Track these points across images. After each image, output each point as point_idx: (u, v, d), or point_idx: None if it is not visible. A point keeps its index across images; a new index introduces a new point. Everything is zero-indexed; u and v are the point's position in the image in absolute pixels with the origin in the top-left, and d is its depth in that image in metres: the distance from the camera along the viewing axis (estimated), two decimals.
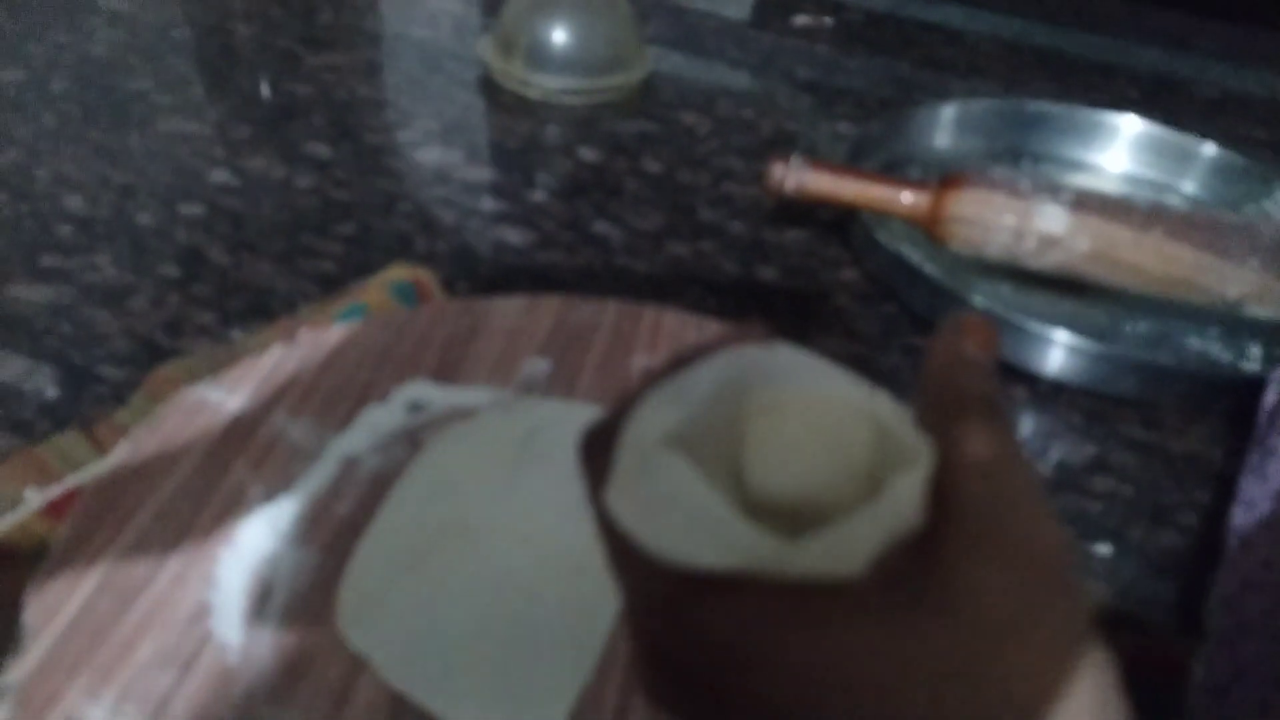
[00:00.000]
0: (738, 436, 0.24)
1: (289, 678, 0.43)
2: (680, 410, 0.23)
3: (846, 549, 0.21)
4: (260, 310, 0.77)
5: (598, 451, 0.25)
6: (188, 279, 0.79)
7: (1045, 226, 0.78)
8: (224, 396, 0.57)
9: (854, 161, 0.92)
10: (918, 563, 0.21)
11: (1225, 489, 0.69)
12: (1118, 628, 0.21)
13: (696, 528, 0.22)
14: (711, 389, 0.24)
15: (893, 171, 0.97)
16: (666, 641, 0.23)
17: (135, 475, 0.52)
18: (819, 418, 0.24)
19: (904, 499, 0.21)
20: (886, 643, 0.20)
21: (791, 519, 0.23)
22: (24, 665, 0.42)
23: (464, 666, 0.44)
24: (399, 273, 0.79)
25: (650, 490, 0.22)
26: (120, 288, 0.77)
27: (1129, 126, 1.04)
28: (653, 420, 0.23)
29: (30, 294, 0.75)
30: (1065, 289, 0.84)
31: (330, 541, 0.50)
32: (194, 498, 0.51)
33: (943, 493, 0.22)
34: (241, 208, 0.88)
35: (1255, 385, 0.72)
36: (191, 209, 0.87)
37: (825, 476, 0.24)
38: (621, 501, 0.23)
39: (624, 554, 0.23)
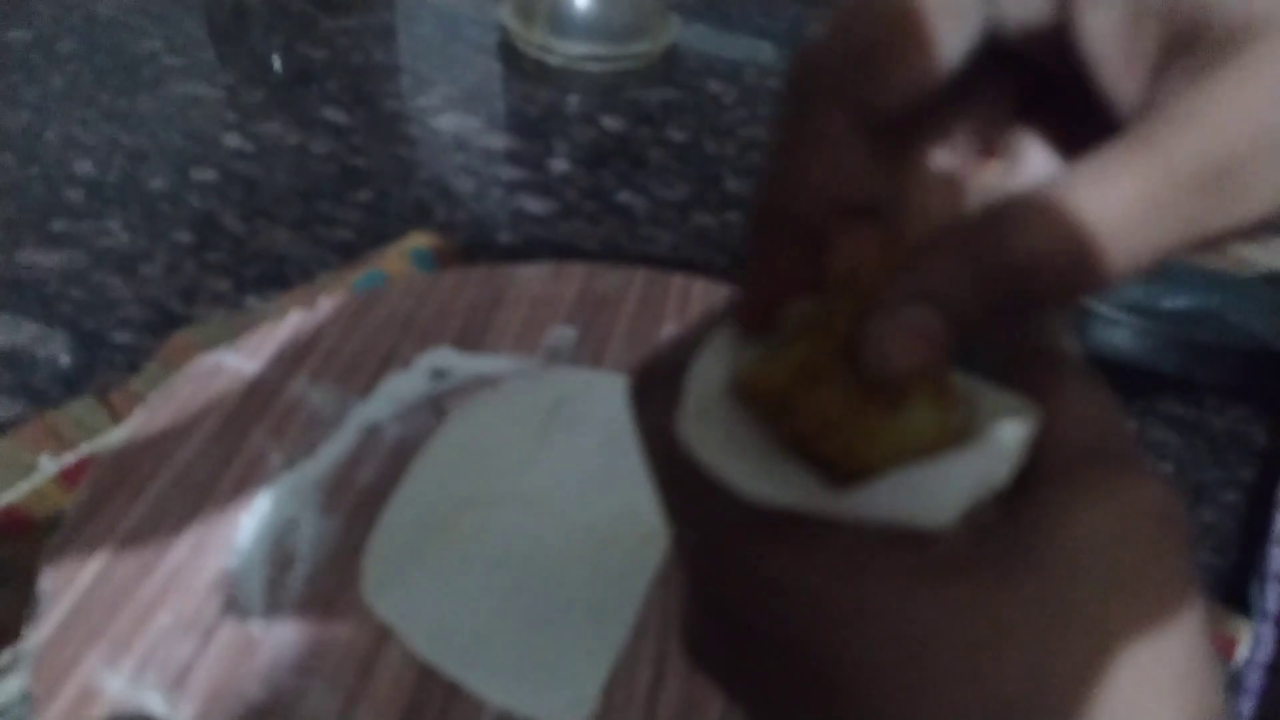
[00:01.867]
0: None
1: (313, 647, 0.42)
2: (748, 357, 0.21)
3: (934, 497, 0.19)
4: (277, 278, 0.75)
5: (654, 384, 0.23)
6: (201, 245, 0.77)
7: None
8: (242, 362, 0.55)
9: None
10: (1014, 517, 0.19)
11: (1268, 466, 0.67)
12: None
13: (772, 476, 0.20)
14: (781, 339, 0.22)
15: None
16: (726, 591, 0.21)
17: (151, 442, 0.50)
18: None
19: (1002, 449, 0.19)
20: (978, 603, 0.18)
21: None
22: (40, 633, 0.41)
23: (493, 639, 0.43)
24: (419, 240, 0.77)
25: (717, 438, 0.21)
26: (133, 253, 0.75)
27: None
28: (719, 365, 0.21)
29: (41, 259, 0.74)
30: None
31: (353, 510, 0.48)
32: (212, 464, 0.49)
33: (1039, 446, 0.20)
34: (255, 174, 0.86)
35: None
36: (204, 174, 0.85)
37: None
38: (690, 431, 0.21)
39: (688, 486, 0.21)
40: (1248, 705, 0.51)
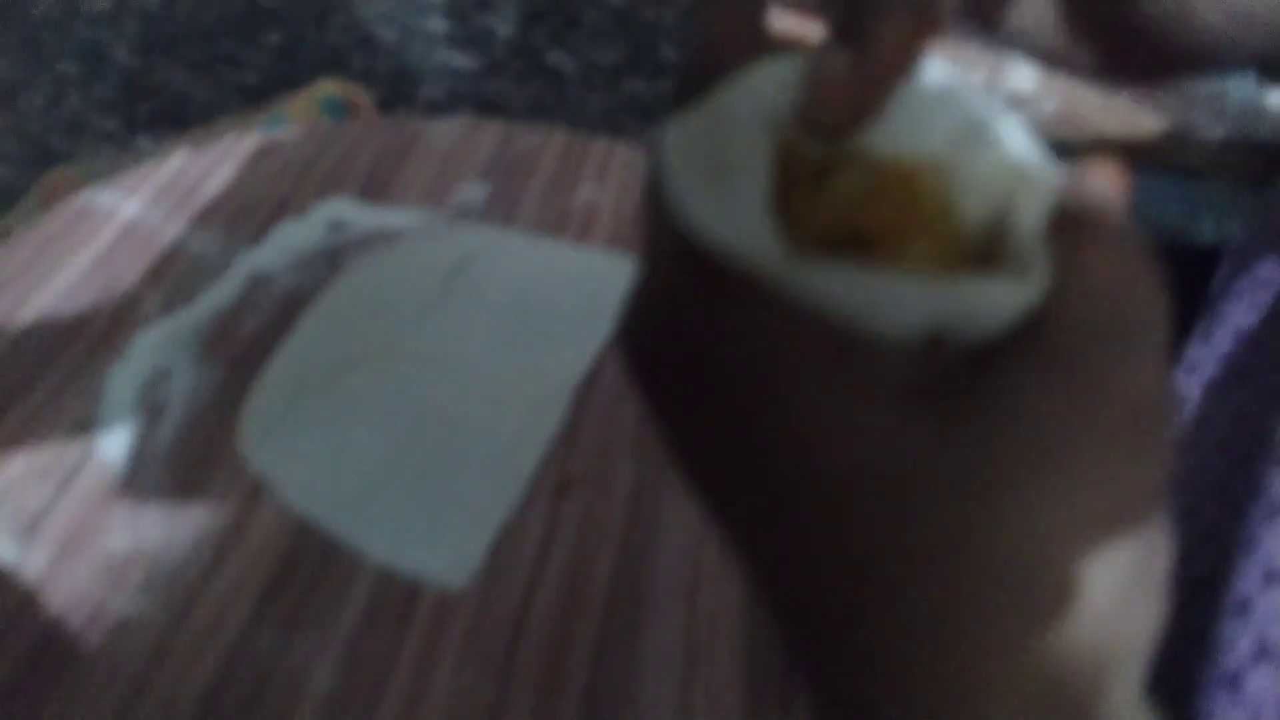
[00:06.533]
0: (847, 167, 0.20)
1: (181, 499, 0.39)
2: (792, 98, 0.19)
3: (899, 305, 0.17)
4: (173, 119, 0.70)
5: (691, 87, 0.20)
6: (89, 78, 0.71)
7: (1015, 84, 0.76)
8: (118, 201, 0.51)
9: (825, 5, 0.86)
10: (978, 370, 0.17)
11: (1173, 357, 0.68)
12: None
13: (742, 224, 0.18)
14: None
15: None
16: (666, 310, 0.19)
17: (14, 278, 0.46)
18: (957, 176, 0.19)
19: (995, 302, 0.17)
20: (897, 439, 0.17)
21: None
22: None
23: (377, 494, 0.41)
24: (330, 88, 0.72)
25: (719, 157, 0.19)
26: (10, 82, 0.69)
27: None
28: (767, 88, 0.19)
29: None
30: None
31: (235, 360, 0.45)
32: (80, 305, 0.46)
33: (1041, 313, 0.18)
34: (153, 5, 0.79)
35: (1208, 257, 0.70)
36: (96, 3, 0.78)
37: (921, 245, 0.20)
38: (682, 143, 0.19)
39: (654, 198, 0.20)
40: None
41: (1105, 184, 0.22)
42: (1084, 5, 0.22)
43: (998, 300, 0.18)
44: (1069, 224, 0.20)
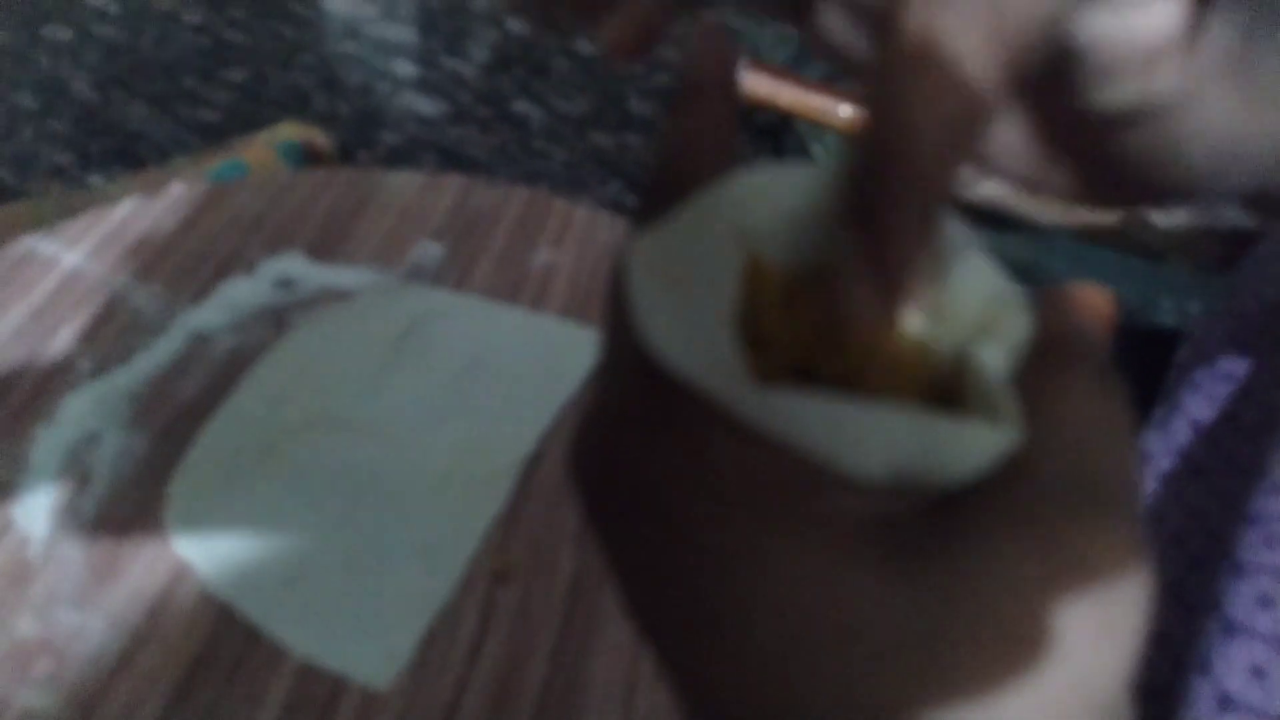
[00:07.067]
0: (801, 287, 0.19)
1: (98, 579, 0.38)
2: (766, 213, 0.18)
3: (866, 441, 0.17)
4: (127, 156, 0.69)
5: (660, 197, 0.20)
6: (45, 111, 0.70)
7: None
8: (59, 251, 0.50)
9: (796, 67, 0.86)
10: (944, 521, 0.16)
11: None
12: None
13: (705, 348, 0.17)
14: (810, 207, 0.18)
15: (835, 82, 0.91)
16: (616, 427, 0.18)
17: None
18: (929, 306, 0.18)
19: (967, 453, 0.17)
20: (860, 587, 0.16)
21: None
22: None
23: (306, 581, 0.40)
24: (290, 131, 0.71)
25: (686, 274, 0.18)
26: None
27: None
28: (739, 203, 0.18)
29: None
30: (987, 221, 0.81)
31: (167, 427, 0.44)
32: (11, 362, 0.44)
33: (1011, 464, 0.17)
34: (118, 38, 0.78)
35: (1165, 338, 0.70)
36: (58, 33, 0.77)
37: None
38: (648, 258, 0.18)
39: (616, 310, 0.19)
40: None
41: (1088, 314, 0.21)
42: (1061, 137, 0.21)
43: (972, 445, 0.17)
44: (1046, 362, 0.19)
